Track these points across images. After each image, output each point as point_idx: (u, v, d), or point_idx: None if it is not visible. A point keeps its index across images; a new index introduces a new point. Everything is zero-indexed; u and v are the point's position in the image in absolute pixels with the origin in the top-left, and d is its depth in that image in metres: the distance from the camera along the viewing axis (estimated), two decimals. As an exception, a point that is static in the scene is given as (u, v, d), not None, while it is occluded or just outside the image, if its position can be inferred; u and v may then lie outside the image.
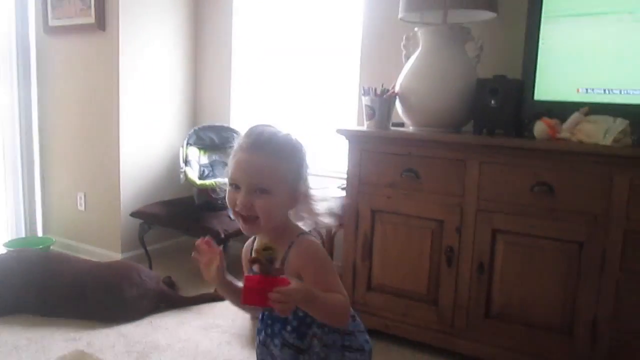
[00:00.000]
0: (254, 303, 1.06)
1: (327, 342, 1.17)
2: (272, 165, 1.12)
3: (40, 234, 3.76)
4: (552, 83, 2.23)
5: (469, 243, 2.20)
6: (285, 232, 1.18)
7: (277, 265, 1.12)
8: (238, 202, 1.12)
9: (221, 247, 1.22)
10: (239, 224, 1.17)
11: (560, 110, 2.14)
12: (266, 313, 1.23)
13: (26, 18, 3.58)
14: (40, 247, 3.27)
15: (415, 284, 2.34)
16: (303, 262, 1.13)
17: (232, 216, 1.19)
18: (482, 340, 2.21)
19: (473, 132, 2.31)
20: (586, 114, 2.05)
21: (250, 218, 1.13)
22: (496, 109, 2.24)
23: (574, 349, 2.03)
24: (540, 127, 2.11)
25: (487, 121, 2.29)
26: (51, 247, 3.40)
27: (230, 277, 1.24)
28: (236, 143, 1.16)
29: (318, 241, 1.18)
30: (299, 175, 1.17)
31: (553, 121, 2.10)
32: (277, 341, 1.19)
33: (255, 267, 1.11)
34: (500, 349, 2.17)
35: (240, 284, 1.26)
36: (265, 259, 1.06)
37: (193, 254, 1.22)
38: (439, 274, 2.28)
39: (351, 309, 1.21)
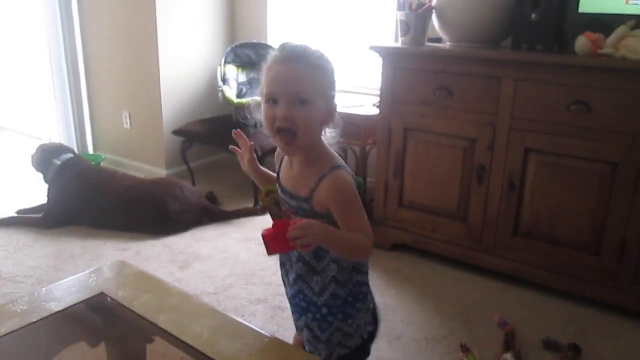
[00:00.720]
0: (277, 250, 1.09)
1: (342, 264, 1.22)
2: (311, 74, 1.10)
3: (90, 151, 3.96)
4: (599, -7, 2.09)
5: (501, 162, 2.19)
6: (319, 158, 1.17)
7: (306, 193, 1.15)
8: (278, 115, 1.09)
9: (252, 143, 1.27)
10: (278, 144, 1.16)
11: (607, 23, 2.02)
12: None
13: None
14: (92, 163, 3.46)
15: (446, 200, 2.37)
16: (332, 199, 1.13)
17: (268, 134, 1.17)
18: (510, 257, 2.25)
19: (511, 48, 2.23)
20: (632, 28, 1.93)
21: (289, 134, 1.11)
22: (537, 23, 2.14)
23: (601, 267, 2.05)
24: (581, 42, 2.01)
25: (526, 36, 2.19)
26: (101, 164, 3.59)
27: (263, 168, 1.32)
28: (268, 59, 1.14)
29: (350, 177, 1.17)
30: (333, 88, 1.16)
31: (596, 35, 1.99)
32: (293, 256, 1.25)
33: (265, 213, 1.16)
34: (526, 266, 2.22)
35: (272, 174, 1.32)
36: (272, 203, 1.09)
37: (230, 146, 1.31)
38: (469, 192, 2.30)
39: None
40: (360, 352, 1.32)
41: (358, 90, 3.18)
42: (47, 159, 2.91)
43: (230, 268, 2.42)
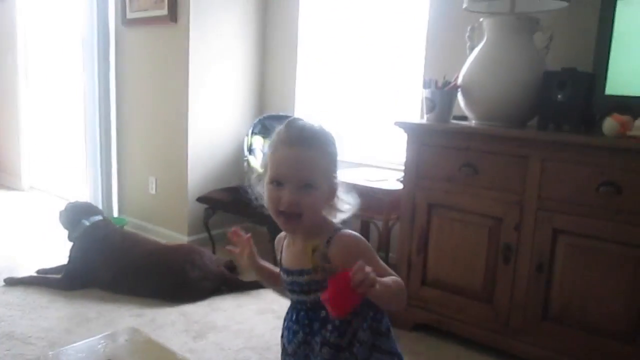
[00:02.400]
0: (347, 307, 0.99)
1: (361, 339, 1.15)
2: (318, 159, 1.10)
3: (115, 214, 4.00)
4: (626, 76, 2.09)
5: (528, 242, 2.12)
6: (322, 228, 1.16)
7: (318, 259, 1.09)
8: (284, 200, 1.08)
9: (250, 235, 1.24)
10: (279, 223, 1.14)
11: (634, 105, 2.01)
12: (301, 313, 1.19)
13: (106, 11, 3.80)
14: (118, 227, 3.48)
15: (471, 280, 2.29)
16: (348, 258, 1.07)
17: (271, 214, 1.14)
18: (539, 343, 2.13)
19: (537, 128, 2.22)
20: (662, 111, 1.92)
21: (293, 216, 1.10)
22: (564, 104, 2.14)
23: (636, 358, 1.92)
24: (610, 124, 1.99)
25: (553, 116, 2.19)
26: (124, 227, 3.61)
27: (263, 262, 1.27)
28: (274, 138, 1.13)
29: (355, 233, 1.16)
30: (335, 167, 1.15)
31: (625, 117, 1.97)
32: (317, 339, 1.16)
33: (320, 276, 1.08)
34: (557, 353, 2.09)
35: (274, 268, 1.28)
36: (321, 259, 1.04)
37: (227, 246, 1.25)
38: (495, 272, 2.22)
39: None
40: None
41: (382, 164, 3.19)
42: (76, 218, 2.94)
43: (245, 340, 2.34)
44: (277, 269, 1.28)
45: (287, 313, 1.25)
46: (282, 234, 1.27)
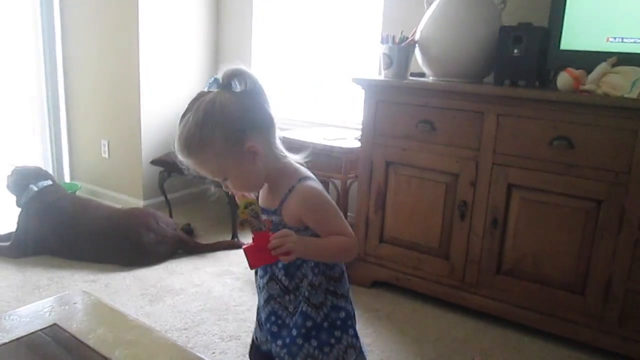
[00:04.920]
0: (260, 262, 1.09)
1: (313, 282, 1.16)
2: (206, 160, 1.08)
3: (67, 179, 3.86)
4: (580, 31, 2.09)
5: (484, 197, 2.15)
6: (283, 177, 1.14)
7: (276, 206, 1.13)
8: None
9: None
10: None
11: (588, 60, 2.02)
12: None
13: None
14: (69, 192, 3.35)
15: (428, 237, 2.31)
16: (303, 209, 1.11)
17: None
18: (493, 295, 2.18)
19: (494, 83, 2.22)
20: (613, 65, 1.93)
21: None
22: (519, 59, 2.14)
23: (586, 308, 1.99)
24: (563, 78, 2.00)
25: (509, 71, 2.19)
26: (77, 193, 3.48)
27: None
28: None
29: (318, 186, 1.15)
30: (230, 143, 1.06)
31: (578, 72, 1.99)
32: (267, 276, 1.19)
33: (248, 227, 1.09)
34: (510, 306, 2.15)
35: None
36: (251, 216, 1.06)
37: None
38: (451, 228, 2.25)
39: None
40: None
41: (340, 124, 3.15)
42: (24, 183, 2.81)
43: (203, 303, 2.31)
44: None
45: None
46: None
